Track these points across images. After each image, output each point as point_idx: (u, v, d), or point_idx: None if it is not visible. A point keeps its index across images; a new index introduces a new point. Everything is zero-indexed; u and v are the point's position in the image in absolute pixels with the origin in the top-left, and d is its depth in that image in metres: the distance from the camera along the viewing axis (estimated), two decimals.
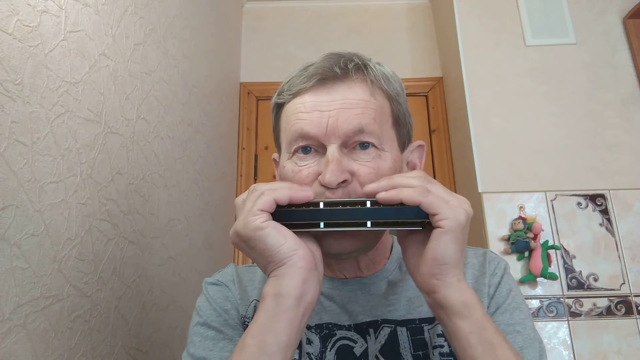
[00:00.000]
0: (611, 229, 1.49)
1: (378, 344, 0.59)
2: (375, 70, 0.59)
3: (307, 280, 0.49)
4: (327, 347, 0.59)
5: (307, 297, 0.49)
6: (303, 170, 0.56)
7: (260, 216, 0.49)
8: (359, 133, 0.55)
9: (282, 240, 0.49)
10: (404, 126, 0.61)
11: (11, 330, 0.57)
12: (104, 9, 0.84)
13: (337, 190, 0.53)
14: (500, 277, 0.62)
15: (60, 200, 0.68)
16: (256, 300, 0.64)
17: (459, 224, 0.47)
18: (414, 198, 0.48)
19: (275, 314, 0.48)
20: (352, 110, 0.55)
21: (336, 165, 0.53)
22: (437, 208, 0.47)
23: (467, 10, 1.78)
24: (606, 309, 1.42)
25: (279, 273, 0.49)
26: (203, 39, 1.54)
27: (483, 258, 0.65)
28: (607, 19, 1.73)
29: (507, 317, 0.59)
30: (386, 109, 0.59)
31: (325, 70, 0.57)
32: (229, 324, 0.62)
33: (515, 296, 0.61)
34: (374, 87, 0.58)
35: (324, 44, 2.18)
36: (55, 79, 0.68)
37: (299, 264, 0.49)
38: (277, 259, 0.49)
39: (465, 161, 1.73)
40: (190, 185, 1.34)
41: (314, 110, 0.56)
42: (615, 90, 1.65)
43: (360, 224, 0.50)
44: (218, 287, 0.66)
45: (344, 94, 0.56)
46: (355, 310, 0.61)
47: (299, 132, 0.56)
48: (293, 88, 0.59)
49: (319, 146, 0.56)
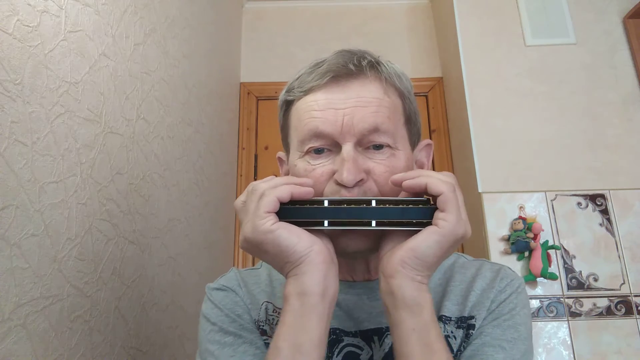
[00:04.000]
0: (611, 229, 1.49)
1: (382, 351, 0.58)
2: (388, 67, 0.59)
3: (327, 274, 0.49)
4: (334, 353, 0.58)
5: (330, 291, 0.49)
6: (317, 168, 0.55)
7: (267, 219, 0.48)
8: (374, 132, 0.54)
9: (295, 239, 0.48)
10: (414, 124, 0.61)
11: (11, 330, 0.57)
12: (104, 9, 0.84)
13: (354, 189, 0.53)
14: (508, 295, 0.59)
15: (60, 200, 0.68)
16: (266, 302, 0.62)
17: (454, 233, 0.47)
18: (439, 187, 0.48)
19: (302, 313, 0.47)
20: (367, 109, 0.54)
21: (353, 164, 0.52)
22: (449, 207, 0.47)
23: (467, 10, 1.78)
24: (606, 309, 1.42)
25: (299, 271, 0.49)
26: (203, 39, 1.54)
27: (496, 274, 0.61)
28: (607, 19, 1.73)
29: (498, 332, 0.55)
30: (399, 107, 0.58)
31: (339, 67, 0.56)
32: (246, 328, 0.60)
33: (516, 316, 0.57)
34: (387, 85, 0.57)
35: (324, 44, 2.18)
36: (55, 79, 0.68)
37: (317, 259, 0.48)
38: (294, 258, 0.49)
39: (465, 161, 1.73)
40: (190, 185, 1.34)
41: (328, 108, 0.55)
42: (615, 90, 1.65)
43: (364, 223, 0.50)
44: (225, 293, 0.64)
45: (358, 91, 0.55)
46: (360, 317, 0.60)
47: (314, 131, 0.55)
48: (304, 85, 0.57)
49: (332, 145, 0.55)
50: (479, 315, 0.58)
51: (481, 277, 0.61)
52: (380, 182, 0.54)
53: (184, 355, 1.15)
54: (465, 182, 1.77)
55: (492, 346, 0.54)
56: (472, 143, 1.61)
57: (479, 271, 0.62)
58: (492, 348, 0.54)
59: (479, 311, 0.58)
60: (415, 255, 0.47)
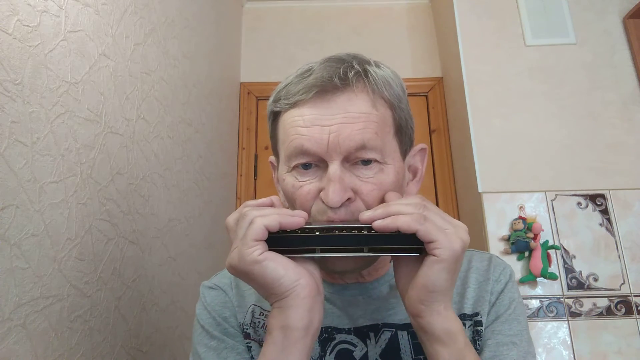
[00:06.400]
0: (611, 229, 1.49)
1: (379, 348, 0.58)
2: (376, 76, 0.57)
3: (312, 308, 0.48)
4: (326, 352, 0.58)
5: (314, 324, 0.49)
6: (304, 186, 0.55)
7: (255, 248, 0.47)
8: (361, 149, 0.53)
9: (282, 271, 0.48)
10: (405, 133, 0.60)
11: (11, 330, 0.57)
12: (104, 9, 0.84)
13: (340, 209, 0.52)
14: (504, 285, 0.61)
15: (60, 200, 0.68)
16: (254, 305, 0.63)
17: (453, 253, 0.46)
18: (411, 226, 0.46)
19: (284, 347, 0.47)
20: (354, 125, 0.53)
21: (339, 184, 0.51)
22: (433, 236, 0.46)
23: (467, 10, 1.78)
24: (606, 309, 1.42)
25: (284, 305, 0.48)
26: (203, 39, 1.54)
27: (488, 263, 0.64)
28: (607, 19, 1.73)
29: (506, 328, 0.58)
30: (388, 119, 0.57)
31: (324, 82, 0.54)
32: (229, 333, 0.61)
33: (517, 307, 0.60)
34: (375, 96, 0.56)
35: (324, 44, 2.19)
36: (55, 79, 0.68)
37: (302, 294, 0.48)
38: (279, 291, 0.48)
39: (465, 161, 1.73)
40: (190, 185, 1.34)
41: (313, 124, 0.53)
42: (615, 90, 1.64)
43: (356, 249, 0.49)
44: (215, 292, 0.65)
45: (345, 107, 0.54)
46: (355, 314, 0.61)
47: (299, 149, 0.54)
48: (290, 97, 0.56)
49: (319, 161, 0.54)
50: (482, 310, 0.60)
51: (474, 270, 0.63)
52: (368, 202, 0.53)
53: (184, 355, 1.15)
54: (465, 182, 1.77)
55: (505, 345, 0.56)
56: (472, 143, 1.61)
57: (470, 263, 0.64)
58: (506, 346, 0.56)
59: (482, 306, 0.60)
60: (429, 291, 0.47)
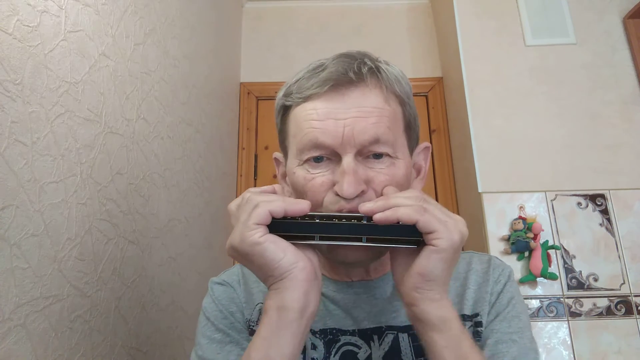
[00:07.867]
0: (611, 229, 1.49)
1: (382, 350, 0.59)
2: (388, 73, 0.58)
3: (308, 291, 0.49)
4: (331, 353, 0.59)
5: (310, 308, 0.49)
6: (317, 178, 0.55)
7: (256, 230, 0.48)
8: (375, 143, 0.54)
9: (281, 254, 0.49)
10: (413, 130, 0.61)
11: (11, 330, 0.57)
12: (104, 9, 0.84)
13: (354, 200, 0.53)
14: (503, 285, 0.62)
15: (60, 200, 0.68)
16: (261, 303, 0.63)
17: (452, 244, 0.47)
18: (411, 216, 0.47)
19: (278, 327, 0.48)
20: (368, 119, 0.54)
21: (353, 176, 0.52)
22: (434, 227, 0.47)
23: (467, 10, 1.78)
24: (606, 309, 1.42)
25: (281, 286, 0.49)
26: (203, 39, 1.54)
27: (487, 265, 0.64)
28: (607, 19, 1.73)
29: (505, 325, 0.58)
30: (399, 114, 0.58)
31: (339, 76, 0.55)
32: (235, 327, 0.62)
33: (516, 305, 0.61)
34: (387, 92, 0.57)
35: (324, 44, 2.19)
36: (55, 79, 0.68)
37: (299, 276, 0.49)
38: (277, 273, 0.49)
39: (465, 161, 1.73)
40: (190, 185, 1.34)
41: (328, 118, 0.54)
42: (615, 90, 1.64)
43: (355, 238, 0.50)
44: (224, 288, 0.66)
45: (359, 101, 0.55)
46: (359, 316, 0.61)
47: (313, 142, 0.54)
48: (304, 91, 0.57)
49: (332, 154, 0.55)
50: (482, 311, 0.60)
51: (473, 272, 0.63)
52: (379, 192, 0.54)
53: (184, 355, 1.15)
54: (465, 182, 1.77)
55: (504, 342, 0.57)
56: (472, 143, 1.61)
57: (470, 265, 0.64)
58: (505, 344, 0.57)
59: (482, 307, 0.60)
60: (425, 280, 0.48)
